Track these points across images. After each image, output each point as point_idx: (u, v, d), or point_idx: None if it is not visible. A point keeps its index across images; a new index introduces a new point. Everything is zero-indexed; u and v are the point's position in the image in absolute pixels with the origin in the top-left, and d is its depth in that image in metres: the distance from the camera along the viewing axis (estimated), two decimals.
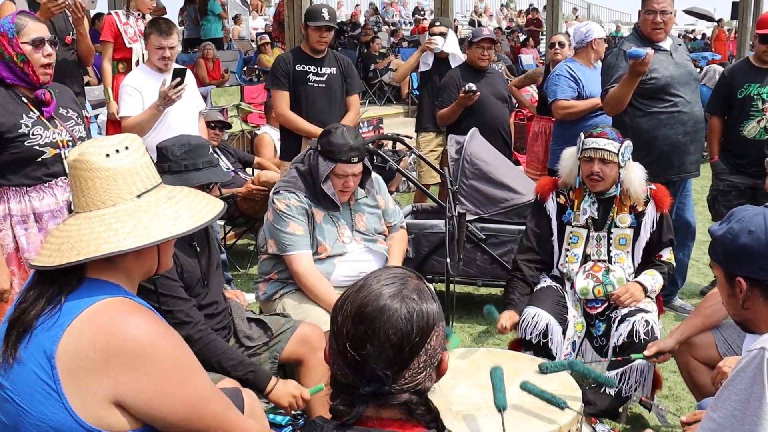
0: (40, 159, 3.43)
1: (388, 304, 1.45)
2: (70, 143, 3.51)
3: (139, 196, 1.88)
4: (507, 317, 3.62)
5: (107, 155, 1.85)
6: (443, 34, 6.55)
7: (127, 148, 1.89)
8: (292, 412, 3.42)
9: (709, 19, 25.41)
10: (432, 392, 1.54)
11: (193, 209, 1.94)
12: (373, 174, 3.99)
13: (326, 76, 5.45)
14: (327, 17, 5.30)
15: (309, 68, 5.40)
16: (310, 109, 5.40)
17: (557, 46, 6.90)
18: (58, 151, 3.47)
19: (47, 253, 1.84)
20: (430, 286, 1.60)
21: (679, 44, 5.14)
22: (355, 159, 3.62)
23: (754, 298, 1.96)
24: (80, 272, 1.84)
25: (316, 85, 5.41)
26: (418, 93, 9.75)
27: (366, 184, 3.87)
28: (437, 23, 6.74)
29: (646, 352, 3.26)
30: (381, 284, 1.49)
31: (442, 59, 6.64)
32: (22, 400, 1.75)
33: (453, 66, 6.58)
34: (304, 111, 5.39)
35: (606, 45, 6.02)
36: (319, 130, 5.27)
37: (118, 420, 1.77)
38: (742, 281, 1.96)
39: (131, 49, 6.22)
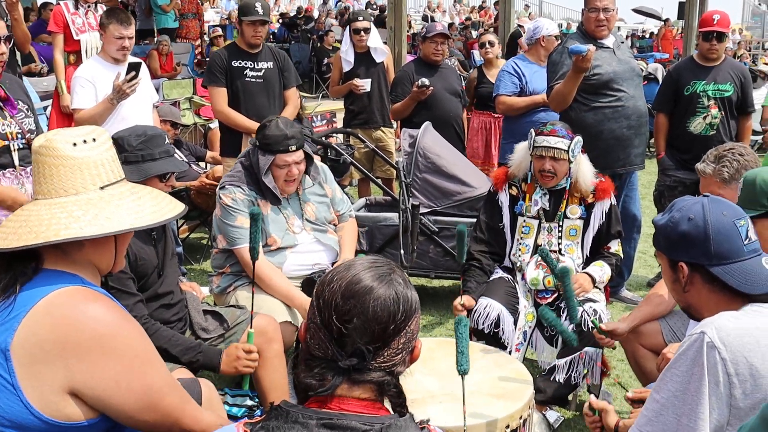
0: None
1: (378, 285, 1.52)
2: (19, 135, 3.43)
3: (102, 188, 1.88)
4: (465, 298, 3.67)
5: (74, 144, 1.86)
6: (366, 29, 6.56)
7: (94, 140, 1.89)
8: (249, 402, 3.43)
9: (657, 18, 25.92)
10: (404, 376, 1.59)
11: (155, 206, 1.95)
12: (318, 163, 4.02)
13: (263, 70, 5.42)
14: (261, 11, 5.25)
15: (245, 63, 5.37)
16: (249, 105, 5.37)
17: (487, 46, 7.03)
18: (7, 142, 3.40)
19: (2, 236, 1.81)
20: None
21: (622, 42, 5.28)
22: (293, 147, 3.64)
23: (695, 283, 2.05)
24: (36, 263, 1.82)
25: (253, 80, 5.38)
26: None
27: (311, 171, 3.89)
28: (360, 18, 6.67)
29: (602, 326, 3.32)
30: (370, 267, 1.56)
31: (363, 54, 6.65)
32: None
33: (376, 60, 6.65)
34: (243, 107, 5.36)
35: (558, 42, 6.13)
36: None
37: (74, 410, 1.76)
38: (684, 266, 2.05)
39: (79, 41, 6.15)
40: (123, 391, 1.79)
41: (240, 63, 5.37)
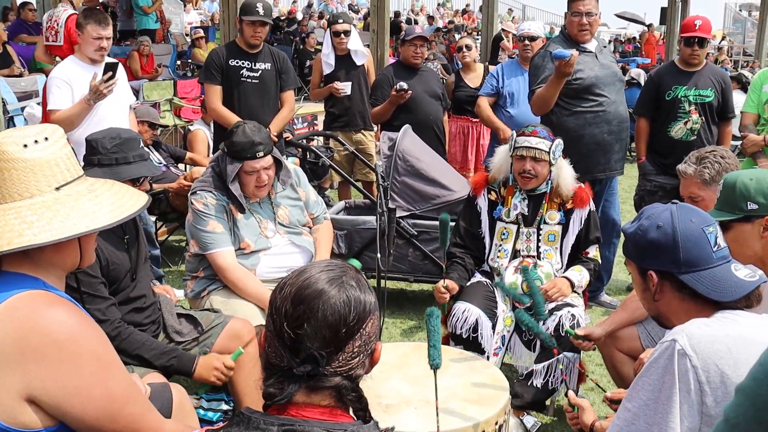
0: None
1: (328, 288, 1.48)
2: None
3: (58, 189, 1.83)
4: (447, 281, 3.63)
5: (25, 146, 1.80)
6: (347, 32, 6.53)
7: (46, 138, 1.84)
8: (225, 406, 3.40)
9: (640, 23, 26.09)
10: (363, 381, 1.56)
11: (115, 203, 1.90)
12: (291, 166, 3.99)
13: (260, 71, 5.40)
14: (262, 12, 5.26)
15: (243, 63, 5.35)
16: (243, 105, 5.35)
17: (464, 50, 7.03)
18: None
19: None
20: (367, 280, 1.62)
21: (604, 46, 5.28)
22: (261, 153, 3.60)
23: (665, 291, 2.03)
24: None
25: (249, 80, 5.37)
26: None
27: (281, 175, 3.85)
28: (340, 20, 6.62)
29: (577, 331, 3.33)
30: (322, 270, 1.53)
31: (344, 56, 6.62)
32: None
33: (357, 63, 6.63)
34: (237, 107, 5.34)
35: (524, 44, 6.14)
36: None
37: (31, 417, 1.72)
38: (653, 275, 2.03)
39: None
40: (82, 398, 1.75)
41: (237, 62, 5.35)
